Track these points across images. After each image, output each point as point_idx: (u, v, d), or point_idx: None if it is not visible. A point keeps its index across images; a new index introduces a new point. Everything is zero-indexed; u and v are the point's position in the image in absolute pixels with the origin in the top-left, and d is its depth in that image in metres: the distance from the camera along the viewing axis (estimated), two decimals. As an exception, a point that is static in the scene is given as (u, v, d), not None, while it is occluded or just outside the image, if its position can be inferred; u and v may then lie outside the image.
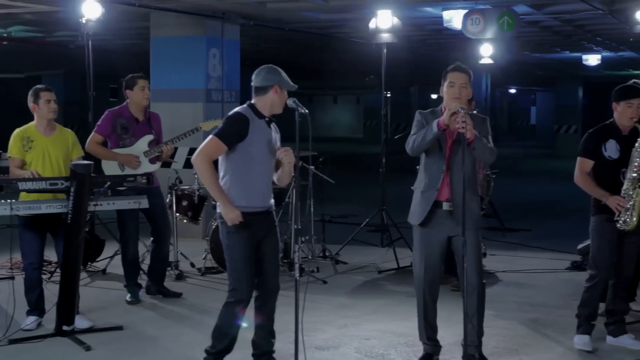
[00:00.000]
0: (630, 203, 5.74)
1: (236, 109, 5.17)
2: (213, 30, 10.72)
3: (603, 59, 19.51)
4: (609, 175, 5.86)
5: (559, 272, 8.70)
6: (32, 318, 6.43)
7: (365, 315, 6.94)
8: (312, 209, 9.13)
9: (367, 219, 9.86)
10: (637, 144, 5.78)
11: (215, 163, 5.16)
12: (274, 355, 5.34)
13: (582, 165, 5.94)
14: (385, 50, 10.22)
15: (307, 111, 4.89)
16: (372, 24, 10.25)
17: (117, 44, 16.48)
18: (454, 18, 10.88)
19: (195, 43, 10.61)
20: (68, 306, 6.18)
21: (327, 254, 9.27)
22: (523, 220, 12.26)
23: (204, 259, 8.54)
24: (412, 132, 5.44)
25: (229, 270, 5.20)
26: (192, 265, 8.62)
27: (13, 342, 6.01)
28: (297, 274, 4.86)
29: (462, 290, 5.26)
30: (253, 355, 5.33)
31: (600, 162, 5.89)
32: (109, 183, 6.17)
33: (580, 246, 8.34)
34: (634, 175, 5.74)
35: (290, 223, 8.41)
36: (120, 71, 7.53)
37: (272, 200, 5.27)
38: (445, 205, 5.36)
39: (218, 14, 10.70)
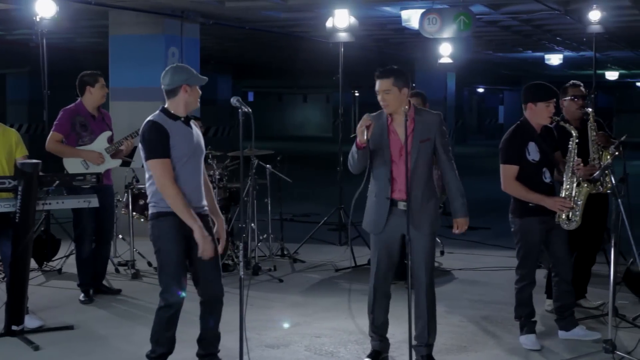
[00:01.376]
0: (579, 202, 5.80)
1: (148, 119, 5.03)
2: (172, 29, 10.71)
3: (565, 59, 19.74)
4: (533, 178, 5.84)
5: (513, 270, 8.75)
6: (-19, 318, 6.38)
7: (318, 313, 6.96)
8: (269, 208, 9.15)
9: (325, 218, 9.89)
10: (570, 143, 5.86)
11: None
12: (219, 355, 5.33)
13: (509, 172, 5.86)
14: (342, 50, 10.27)
15: (250, 110, 4.88)
16: (329, 23, 10.29)
17: (79, 42, 16.41)
18: (412, 17, 10.96)
19: (154, 42, 10.61)
20: (17, 306, 6.13)
21: (285, 252, 9.28)
22: (483, 218, 12.32)
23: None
24: None
25: (160, 274, 5.09)
26: (149, 264, 8.59)
27: (-40, 342, 5.96)
28: (241, 272, 4.86)
29: (408, 288, 5.26)
30: (198, 355, 5.31)
31: (524, 166, 5.84)
32: (57, 182, 6.14)
33: None
34: (574, 172, 5.82)
35: (247, 221, 8.43)
36: (86, 69, 7.52)
37: (205, 202, 5.15)
38: (401, 205, 5.34)
39: (177, 13, 10.69)
